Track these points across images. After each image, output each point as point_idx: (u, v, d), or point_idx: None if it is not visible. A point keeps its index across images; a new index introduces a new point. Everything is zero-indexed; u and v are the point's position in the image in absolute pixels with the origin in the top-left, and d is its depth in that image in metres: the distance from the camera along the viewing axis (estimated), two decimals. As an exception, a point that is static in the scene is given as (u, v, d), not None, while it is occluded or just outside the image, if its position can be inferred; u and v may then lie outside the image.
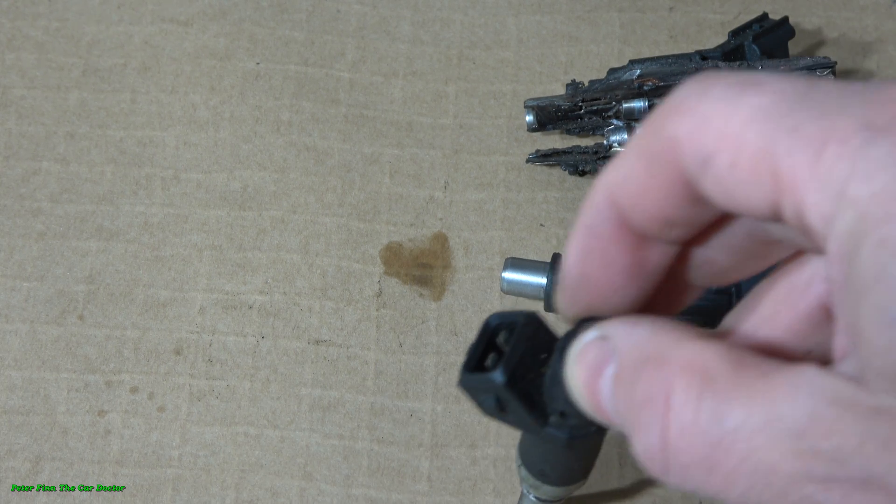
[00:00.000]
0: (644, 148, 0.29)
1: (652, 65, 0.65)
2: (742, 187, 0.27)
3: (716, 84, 0.27)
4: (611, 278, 0.31)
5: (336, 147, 0.69)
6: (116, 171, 0.68)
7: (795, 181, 0.25)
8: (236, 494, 0.58)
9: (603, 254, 0.31)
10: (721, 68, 0.64)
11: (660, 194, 0.29)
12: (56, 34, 0.73)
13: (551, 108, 0.65)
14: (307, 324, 0.63)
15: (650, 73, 0.64)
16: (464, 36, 0.73)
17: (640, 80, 0.64)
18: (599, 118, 0.65)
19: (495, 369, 0.32)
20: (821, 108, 0.26)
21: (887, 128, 0.24)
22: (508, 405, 0.33)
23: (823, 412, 0.25)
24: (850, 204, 0.24)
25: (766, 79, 0.27)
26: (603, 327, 0.31)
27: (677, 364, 0.28)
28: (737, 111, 0.27)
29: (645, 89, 0.64)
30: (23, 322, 0.63)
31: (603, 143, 0.64)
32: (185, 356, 0.62)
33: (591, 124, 0.66)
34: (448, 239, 0.66)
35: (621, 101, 0.64)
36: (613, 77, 0.65)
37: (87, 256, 0.65)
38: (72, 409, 0.61)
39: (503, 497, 0.58)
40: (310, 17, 0.73)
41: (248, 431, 0.60)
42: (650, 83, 0.64)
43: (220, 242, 0.66)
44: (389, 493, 0.58)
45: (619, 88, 0.64)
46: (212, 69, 0.71)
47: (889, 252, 0.23)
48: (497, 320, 0.33)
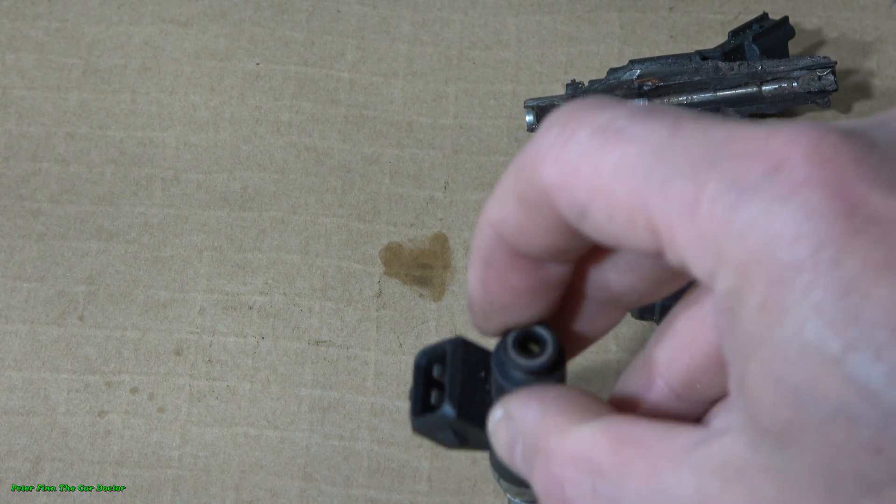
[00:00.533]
0: (519, 193, 0.29)
1: (652, 65, 0.65)
2: (624, 236, 0.27)
3: (578, 130, 0.27)
4: (515, 300, 0.32)
5: (336, 147, 0.69)
6: (116, 171, 0.68)
7: (673, 238, 0.25)
8: (236, 495, 0.58)
9: (501, 280, 0.31)
10: (721, 69, 0.64)
11: (542, 232, 0.29)
12: (56, 34, 0.73)
13: (551, 108, 0.66)
14: (307, 324, 0.63)
15: (650, 73, 0.65)
16: (464, 36, 0.73)
17: (640, 80, 0.64)
18: None
19: (443, 405, 0.32)
20: (687, 161, 0.25)
21: (756, 187, 0.24)
22: (467, 433, 0.33)
23: (708, 486, 0.25)
24: (729, 265, 0.24)
25: (627, 126, 0.26)
26: (506, 404, 0.31)
27: (563, 457, 0.29)
28: (603, 164, 0.26)
29: (645, 89, 0.64)
30: (23, 323, 0.63)
31: None
32: (185, 357, 0.62)
33: None
34: (448, 239, 0.66)
35: None
36: (613, 77, 0.65)
37: (87, 257, 0.65)
38: (72, 409, 0.61)
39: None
40: (310, 18, 0.73)
41: (248, 432, 0.60)
42: (650, 83, 0.64)
43: (220, 243, 0.66)
44: (389, 494, 0.58)
45: (619, 88, 0.64)
46: (212, 70, 0.71)
47: (770, 317, 0.23)
48: (425, 358, 0.33)
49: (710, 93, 0.65)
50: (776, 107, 0.65)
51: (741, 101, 0.65)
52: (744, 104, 0.65)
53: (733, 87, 0.65)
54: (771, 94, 0.64)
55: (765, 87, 0.64)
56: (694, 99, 0.65)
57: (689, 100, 0.65)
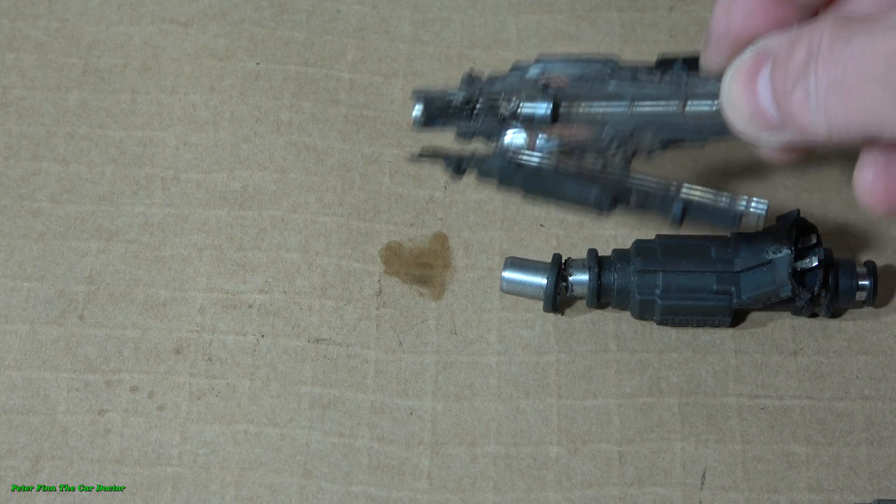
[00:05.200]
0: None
1: (561, 65, 0.55)
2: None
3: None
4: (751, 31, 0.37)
5: (336, 147, 0.69)
6: (116, 171, 0.68)
7: None
8: (236, 492, 0.58)
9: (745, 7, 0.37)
10: (639, 77, 0.53)
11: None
12: (56, 34, 0.73)
13: (442, 100, 0.55)
14: (307, 322, 0.63)
15: (557, 72, 0.55)
16: (464, 36, 0.73)
17: (546, 80, 0.54)
18: (496, 119, 0.55)
19: None
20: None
21: None
22: None
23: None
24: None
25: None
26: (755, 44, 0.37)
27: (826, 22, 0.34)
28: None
29: (550, 90, 0.54)
30: (23, 322, 0.63)
31: (498, 149, 0.54)
32: (184, 355, 0.62)
33: (485, 127, 0.55)
34: (448, 239, 0.66)
35: (523, 100, 0.54)
36: (516, 72, 0.56)
37: (87, 256, 0.65)
38: (72, 408, 0.61)
39: (503, 494, 0.58)
40: (310, 17, 0.73)
41: (247, 429, 0.60)
42: (556, 84, 0.54)
43: (220, 242, 0.66)
44: (389, 491, 0.58)
45: (520, 86, 0.55)
46: (212, 69, 0.71)
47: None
48: None
49: (625, 104, 0.53)
50: (700, 134, 0.52)
51: (660, 121, 0.52)
52: (664, 126, 0.52)
53: (653, 99, 0.52)
54: (695, 115, 0.51)
55: (689, 104, 0.51)
56: (606, 109, 0.53)
57: (601, 110, 0.53)
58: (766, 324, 0.63)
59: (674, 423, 0.60)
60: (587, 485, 0.58)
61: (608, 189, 0.51)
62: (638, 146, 0.52)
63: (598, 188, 0.51)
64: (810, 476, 0.58)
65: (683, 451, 0.59)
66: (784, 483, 0.58)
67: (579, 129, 0.53)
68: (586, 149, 0.53)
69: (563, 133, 0.53)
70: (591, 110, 0.53)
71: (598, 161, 0.53)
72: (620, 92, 0.53)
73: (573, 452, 0.59)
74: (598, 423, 0.60)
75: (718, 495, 0.58)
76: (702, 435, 0.60)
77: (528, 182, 0.53)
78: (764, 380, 0.61)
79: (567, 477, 0.59)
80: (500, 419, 0.60)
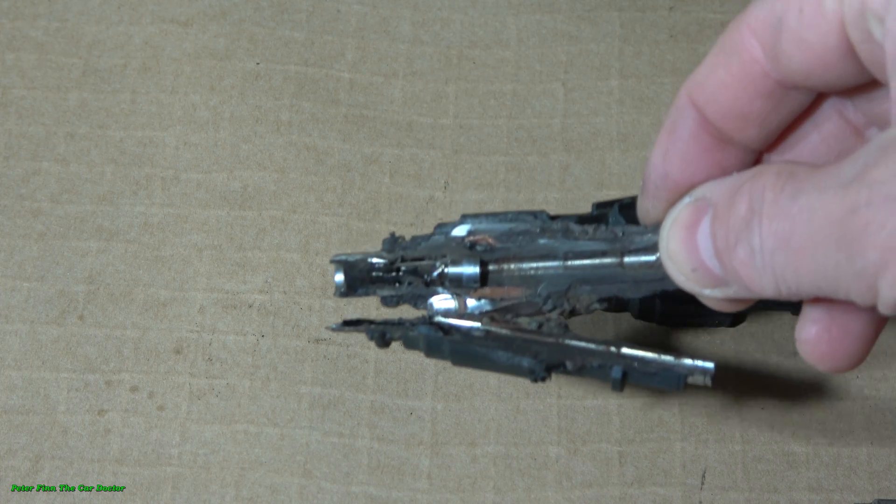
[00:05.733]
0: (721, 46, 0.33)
1: (487, 221, 0.51)
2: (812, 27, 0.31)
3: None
4: (690, 177, 0.35)
5: (336, 147, 0.69)
6: (116, 171, 0.68)
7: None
8: (236, 492, 0.58)
9: (683, 153, 0.35)
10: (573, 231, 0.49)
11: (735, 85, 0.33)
12: (56, 34, 0.73)
13: (364, 265, 0.51)
14: (307, 322, 0.63)
15: (483, 230, 0.51)
16: (464, 36, 0.73)
17: (472, 239, 0.50)
18: (422, 283, 0.51)
19: None
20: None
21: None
22: None
23: None
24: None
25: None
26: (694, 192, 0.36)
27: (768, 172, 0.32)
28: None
29: (478, 249, 0.50)
30: (23, 322, 0.63)
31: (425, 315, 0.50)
32: (185, 355, 0.62)
33: (411, 292, 0.51)
34: (448, 239, 0.66)
35: (448, 263, 0.50)
36: (440, 232, 0.51)
37: (87, 256, 0.65)
38: (72, 408, 0.61)
39: (503, 494, 0.58)
40: (310, 17, 0.73)
41: (248, 429, 0.60)
42: (484, 242, 0.50)
43: (220, 242, 0.66)
44: (389, 491, 0.58)
45: (446, 247, 0.51)
46: (212, 69, 0.71)
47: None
48: None
49: (559, 261, 0.48)
50: (640, 289, 0.47)
51: (597, 277, 0.48)
52: (601, 281, 0.48)
53: (588, 255, 0.48)
54: (635, 267, 0.46)
55: (627, 258, 0.47)
56: (538, 266, 0.49)
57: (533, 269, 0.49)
58: (766, 324, 0.63)
59: (674, 423, 0.60)
60: (587, 485, 0.58)
61: (542, 356, 0.47)
62: (575, 304, 0.48)
63: (529, 358, 0.47)
64: (810, 476, 0.58)
65: (683, 451, 0.59)
66: (784, 483, 0.58)
67: (511, 289, 0.49)
68: (520, 310, 0.49)
69: (495, 294, 0.49)
70: (522, 268, 0.49)
71: (533, 321, 0.48)
72: (553, 248, 0.49)
73: (573, 452, 0.59)
74: (598, 423, 0.60)
75: (718, 495, 0.58)
76: (702, 435, 0.60)
77: (456, 352, 0.48)
78: (764, 380, 0.61)
79: (567, 477, 0.59)
80: (500, 419, 0.60)
